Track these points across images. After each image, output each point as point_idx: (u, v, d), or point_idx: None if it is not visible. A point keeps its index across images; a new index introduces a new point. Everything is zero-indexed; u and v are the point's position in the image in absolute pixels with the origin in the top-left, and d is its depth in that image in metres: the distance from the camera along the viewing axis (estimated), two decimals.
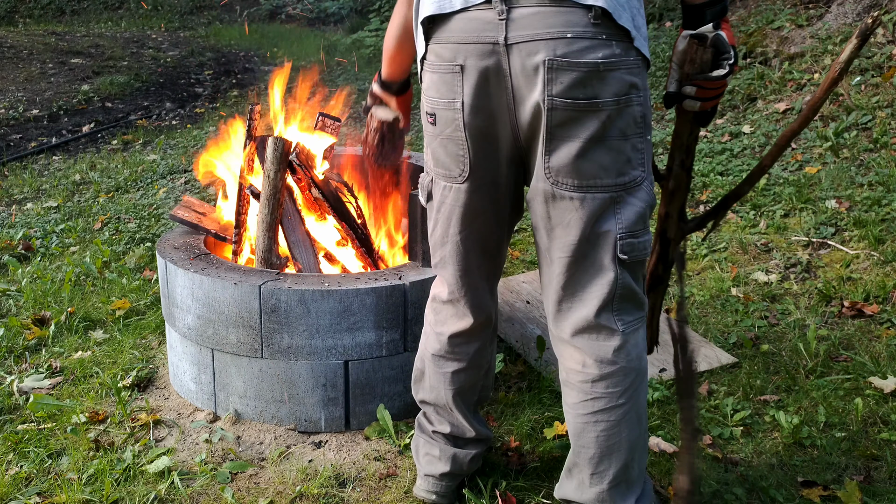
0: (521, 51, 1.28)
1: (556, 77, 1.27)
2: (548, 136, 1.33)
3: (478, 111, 1.36)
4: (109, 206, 4.43)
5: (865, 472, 1.88)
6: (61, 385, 2.40)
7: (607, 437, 1.47)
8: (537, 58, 1.27)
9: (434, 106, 1.41)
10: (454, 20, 1.33)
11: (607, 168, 1.34)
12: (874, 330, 2.54)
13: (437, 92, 1.39)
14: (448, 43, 1.34)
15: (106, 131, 6.60)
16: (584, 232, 1.38)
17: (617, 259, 1.40)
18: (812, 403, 2.16)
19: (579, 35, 1.25)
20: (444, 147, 1.44)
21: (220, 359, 2.13)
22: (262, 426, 2.13)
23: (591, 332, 1.45)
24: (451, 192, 1.48)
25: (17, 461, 2.01)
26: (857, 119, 4.16)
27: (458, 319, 1.63)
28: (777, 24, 5.43)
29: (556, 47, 1.26)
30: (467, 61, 1.33)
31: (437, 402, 1.72)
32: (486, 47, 1.31)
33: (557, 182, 1.36)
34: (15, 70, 8.38)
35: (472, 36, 1.31)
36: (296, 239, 2.25)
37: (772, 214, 3.47)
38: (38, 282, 3.22)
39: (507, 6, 1.28)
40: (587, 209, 1.37)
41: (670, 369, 2.36)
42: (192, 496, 1.87)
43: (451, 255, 1.55)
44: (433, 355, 1.68)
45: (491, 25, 1.29)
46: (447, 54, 1.35)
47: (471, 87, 1.34)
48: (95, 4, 12.95)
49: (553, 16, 1.26)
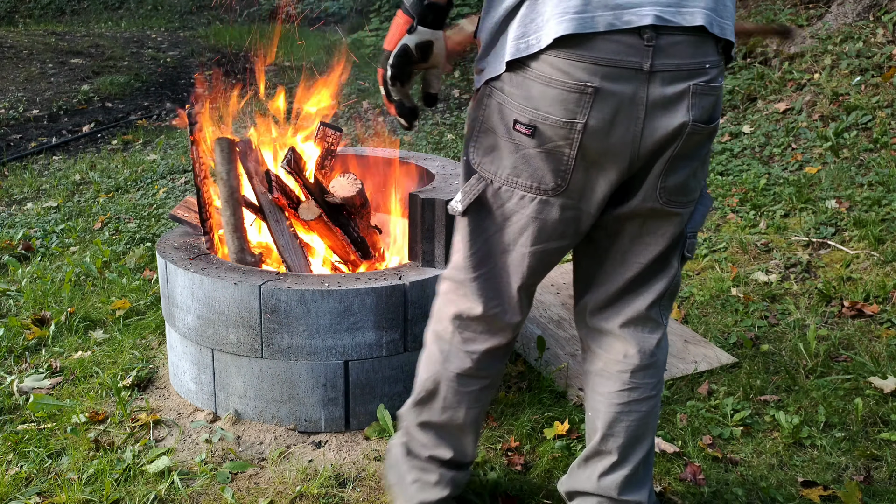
0: (663, 79, 1.27)
1: (697, 103, 1.30)
2: (671, 160, 1.35)
3: (598, 135, 1.30)
4: (109, 206, 4.43)
5: (865, 472, 1.88)
6: (61, 385, 2.40)
7: (637, 426, 1.54)
8: (681, 85, 1.28)
9: (538, 119, 1.32)
10: (594, 40, 1.25)
11: (700, 183, 1.44)
12: (874, 330, 2.54)
13: (550, 107, 1.30)
14: (582, 62, 1.26)
15: (106, 131, 6.60)
16: (670, 239, 1.45)
17: (681, 257, 1.49)
18: (812, 403, 2.16)
19: (714, 65, 1.31)
20: (539, 159, 1.35)
21: (220, 359, 2.13)
22: (262, 426, 2.13)
23: (639, 324, 1.51)
24: (532, 204, 1.39)
25: (17, 461, 2.01)
26: (857, 119, 4.16)
27: (494, 335, 1.54)
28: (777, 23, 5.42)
29: (698, 75, 1.29)
30: (602, 84, 1.26)
31: (450, 424, 1.62)
32: (626, 72, 1.26)
33: (669, 201, 1.40)
34: (15, 70, 8.39)
35: (613, 59, 1.25)
36: (285, 242, 2.26)
37: (772, 214, 3.47)
38: (38, 282, 3.22)
39: (655, 33, 1.25)
40: (683, 221, 1.44)
41: (671, 369, 2.36)
42: (192, 496, 1.87)
43: (513, 266, 1.46)
44: (458, 375, 1.56)
45: (634, 51, 1.25)
46: (578, 74, 1.26)
47: (600, 111, 1.28)
48: (95, 4, 12.96)
49: (696, 45, 1.28)
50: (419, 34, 1.35)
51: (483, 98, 1.39)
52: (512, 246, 1.44)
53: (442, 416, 1.61)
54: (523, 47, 1.30)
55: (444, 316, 1.56)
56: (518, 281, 1.47)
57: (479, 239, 1.46)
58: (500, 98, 1.35)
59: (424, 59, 1.38)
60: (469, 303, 1.51)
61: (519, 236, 1.43)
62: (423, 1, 1.33)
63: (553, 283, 2.98)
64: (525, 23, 1.29)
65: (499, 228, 1.44)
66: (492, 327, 1.52)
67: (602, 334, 1.55)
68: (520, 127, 1.34)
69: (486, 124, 1.39)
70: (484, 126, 1.40)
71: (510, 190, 1.40)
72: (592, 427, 1.59)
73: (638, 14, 1.23)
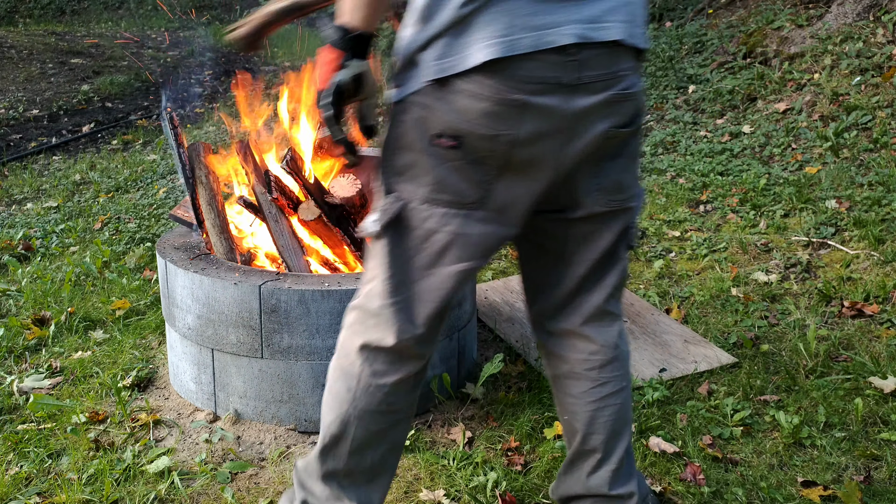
0: (586, 90, 1.30)
1: (617, 110, 1.34)
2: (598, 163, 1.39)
3: (525, 148, 1.31)
4: (109, 206, 4.43)
5: (865, 472, 1.88)
6: (61, 385, 2.40)
7: (616, 419, 1.55)
8: (602, 95, 1.32)
9: (463, 129, 1.29)
10: (519, 61, 1.27)
11: (635, 179, 1.47)
12: (874, 330, 2.54)
13: (477, 120, 1.28)
14: (510, 80, 1.27)
15: (106, 131, 6.60)
16: (615, 234, 1.47)
17: (627, 248, 1.51)
18: (812, 403, 2.16)
19: (630, 70, 1.35)
20: (462, 171, 1.32)
21: (220, 359, 2.13)
22: (262, 426, 2.13)
23: (599, 319, 1.52)
24: (454, 220, 1.35)
25: (17, 461, 2.01)
26: (857, 119, 4.16)
27: (405, 365, 1.44)
28: (777, 24, 5.43)
29: (617, 84, 1.33)
30: (529, 99, 1.28)
31: (357, 470, 1.49)
32: (552, 87, 1.28)
33: (611, 201, 1.43)
34: (15, 70, 8.39)
35: (537, 76, 1.27)
36: (284, 243, 2.26)
37: (772, 214, 3.47)
38: (38, 282, 3.22)
39: (577, 49, 1.28)
40: (624, 216, 1.47)
41: (671, 369, 2.36)
42: (192, 496, 1.87)
43: (433, 291, 1.39)
44: (369, 412, 1.44)
45: (559, 67, 1.28)
46: (504, 89, 1.27)
47: (529, 123, 1.29)
48: (95, 4, 12.96)
49: (613, 56, 1.32)
50: (352, 68, 1.31)
51: (398, 115, 1.34)
52: (433, 268, 1.37)
53: (349, 461, 1.48)
54: (444, 67, 1.28)
55: (351, 349, 1.44)
56: (437, 306, 1.40)
57: (397, 262, 1.38)
58: (419, 112, 1.31)
59: (358, 93, 1.34)
60: (380, 333, 1.41)
61: (441, 257, 1.37)
62: (352, 33, 1.29)
63: None
64: (446, 47, 1.28)
65: (419, 250, 1.37)
66: (403, 357, 1.43)
67: (564, 336, 1.56)
68: (444, 140, 1.30)
69: (402, 141, 1.34)
70: (400, 143, 1.35)
71: (430, 208, 1.34)
72: (571, 430, 1.59)
73: (559, 34, 1.26)
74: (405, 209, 1.36)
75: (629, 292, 2.90)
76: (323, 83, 1.32)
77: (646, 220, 3.59)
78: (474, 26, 1.26)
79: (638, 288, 2.99)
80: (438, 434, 2.10)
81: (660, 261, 3.16)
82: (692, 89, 5.27)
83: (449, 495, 1.84)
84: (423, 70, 1.30)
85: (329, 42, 1.32)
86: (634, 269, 3.16)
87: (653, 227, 3.50)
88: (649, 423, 2.08)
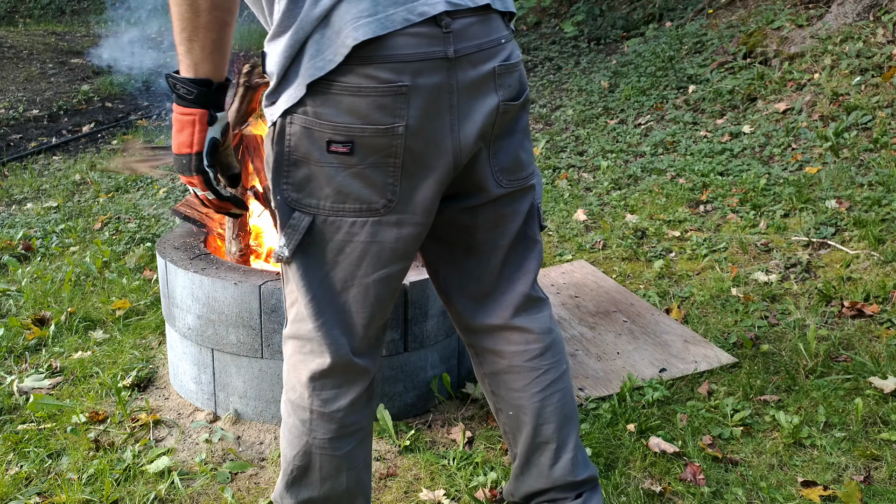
0: (469, 61, 1.24)
1: (503, 82, 1.29)
2: (494, 142, 1.33)
3: (420, 134, 1.23)
4: (109, 206, 4.43)
5: (865, 472, 1.88)
6: (61, 385, 2.40)
7: (563, 403, 1.51)
8: (487, 66, 1.26)
9: (354, 133, 1.20)
10: (395, 38, 1.18)
11: (530, 154, 1.43)
12: (874, 330, 2.54)
13: (364, 118, 1.20)
14: (389, 63, 1.18)
15: (106, 131, 6.60)
16: (523, 215, 1.43)
17: (539, 228, 1.47)
18: (812, 403, 2.16)
19: (507, 39, 1.31)
20: (363, 177, 1.24)
21: (220, 359, 2.13)
22: (262, 426, 2.13)
23: (528, 306, 1.47)
24: (365, 228, 1.26)
25: (17, 461, 2.01)
26: (857, 119, 4.16)
27: (353, 384, 1.38)
28: (777, 24, 5.43)
29: (498, 54, 1.28)
30: (415, 80, 1.19)
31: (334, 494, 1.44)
32: (434, 63, 1.21)
33: (511, 181, 1.38)
34: (15, 70, 8.39)
35: (417, 53, 1.19)
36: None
37: (772, 214, 3.47)
38: (38, 282, 3.22)
39: (450, 18, 1.21)
40: (528, 196, 1.43)
41: (671, 369, 2.36)
42: (192, 496, 1.87)
43: (357, 303, 1.32)
44: (327, 439, 1.39)
45: (436, 40, 1.20)
46: (386, 75, 1.18)
47: (418, 108, 1.21)
48: (96, 4, 12.96)
49: (487, 24, 1.27)
50: (220, 121, 1.25)
51: (282, 131, 1.24)
52: (351, 280, 1.31)
53: (322, 488, 1.43)
54: (321, 65, 1.18)
55: (297, 382, 1.39)
56: (366, 317, 1.34)
57: (314, 282, 1.31)
58: (305, 123, 1.22)
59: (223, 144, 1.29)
60: (318, 357, 1.34)
61: (357, 268, 1.30)
62: (211, 86, 1.21)
63: (553, 284, 2.98)
64: (317, 45, 1.19)
65: (335, 263, 1.30)
66: (348, 376, 1.37)
67: (495, 331, 1.48)
68: (336, 147, 1.21)
69: (293, 155, 1.24)
70: (292, 158, 1.25)
71: (338, 219, 1.26)
72: (517, 425, 1.52)
73: (429, 3, 1.20)
74: (313, 225, 1.27)
75: (629, 292, 2.90)
76: (188, 147, 1.23)
77: (646, 220, 3.60)
78: (338, 13, 1.18)
79: (638, 288, 2.99)
80: (438, 434, 2.10)
81: (660, 261, 3.16)
82: (692, 89, 5.27)
83: (449, 495, 1.84)
84: (299, 79, 1.20)
85: (184, 102, 1.22)
86: (634, 269, 3.17)
87: (653, 227, 3.50)
88: (649, 423, 2.08)
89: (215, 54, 1.20)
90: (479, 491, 1.84)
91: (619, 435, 2.04)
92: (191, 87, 1.20)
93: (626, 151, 4.67)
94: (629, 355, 2.45)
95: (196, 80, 1.20)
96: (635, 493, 1.83)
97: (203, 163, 1.25)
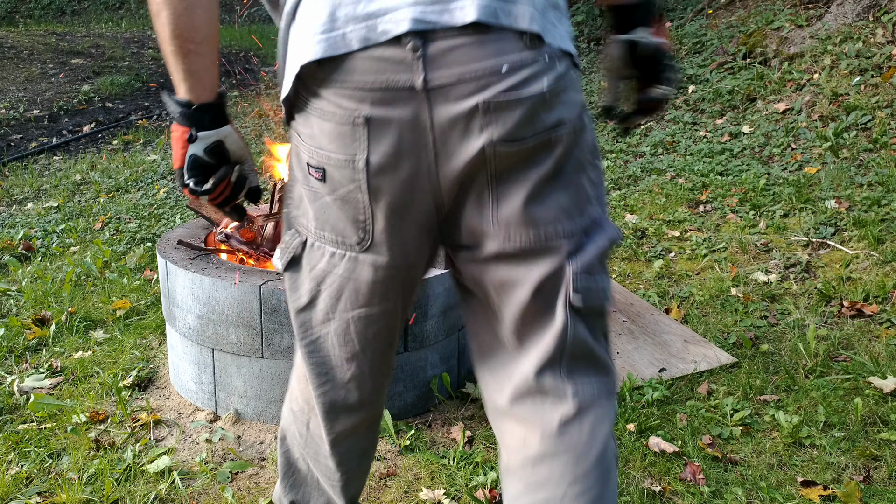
0: (446, 95, 1.00)
1: (496, 119, 1.01)
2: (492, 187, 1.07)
3: (386, 172, 1.05)
4: (110, 206, 4.43)
5: (865, 472, 1.88)
6: (62, 385, 2.40)
7: None
8: (469, 102, 1.00)
9: (323, 160, 1.08)
10: (352, 61, 1.01)
11: (567, 209, 1.09)
12: (874, 330, 2.54)
13: (330, 144, 1.06)
14: (346, 89, 1.02)
15: (106, 131, 6.61)
16: (535, 284, 1.11)
17: (568, 304, 1.10)
18: (812, 403, 2.17)
19: (517, 65, 1.00)
20: (338, 208, 1.11)
21: (221, 359, 2.13)
22: (262, 426, 2.13)
23: (533, 397, 1.15)
24: (343, 262, 1.15)
25: (17, 461, 2.02)
26: (856, 119, 4.17)
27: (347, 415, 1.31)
28: (777, 24, 5.43)
29: (493, 84, 0.99)
30: (374, 112, 1.01)
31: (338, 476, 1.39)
32: (399, 94, 1.00)
33: (509, 237, 1.08)
34: (15, 70, 8.39)
35: (379, 80, 1.00)
36: None
37: (771, 214, 3.47)
38: (38, 282, 3.22)
39: (421, 40, 0.98)
40: (550, 260, 1.10)
41: (670, 369, 2.36)
42: (192, 496, 1.87)
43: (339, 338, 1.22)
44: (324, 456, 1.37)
45: (403, 66, 0.99)
46: (346, 103, 1.03)
47: (379, 144, 1.03)
48: (96, 4, 12.97)
49: (480, 47, 0.99)
50: (203, 139, 1.18)
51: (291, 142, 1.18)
52: (332, 313, 1.20)
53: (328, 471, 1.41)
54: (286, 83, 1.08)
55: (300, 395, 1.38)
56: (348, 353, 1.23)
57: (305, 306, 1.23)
58: (295, 140, 1.14)
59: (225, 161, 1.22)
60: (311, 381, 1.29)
61: (337, 301, 1.19)
62: (191, 106, 1.15)
63: None
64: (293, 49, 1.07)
65: (318, 291, 1.20)
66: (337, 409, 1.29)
67: (499, 415, 1.21)
68: (312, 171, 1.11)
69: (292, 171, 1.19)
70: (291, 173, 1.19)
71: (321, 246, 1.17)
72: None
73: (394, 21, 0.98)
74: (304, 245, 1.19)
75: (629, 292, 2.90)
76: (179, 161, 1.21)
77: (645, 220, 3.60)
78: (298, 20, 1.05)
79: (637, 288, 2.99)
80: (438, 434, 2.10)
81: (659, 261, 3.16)
82: (692, 89, 5.27)
83: (449, 495, 1.85)
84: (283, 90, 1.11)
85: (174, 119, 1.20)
86: (634, 269, 3.17)
87: (652, 227, 3.51)
88: (649, 423, 2.08)
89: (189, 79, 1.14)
90: (479, 491, 1.84)
91: (618, 435, 2.05)
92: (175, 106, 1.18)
93: (626, 151, 4.68)
94: (629, 355, 2.46)
95: (178, 101, 1.17)
96: (635, 492, 1.83)
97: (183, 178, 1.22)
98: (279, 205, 2.42)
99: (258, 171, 1.29)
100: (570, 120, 1.06)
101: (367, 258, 1.13)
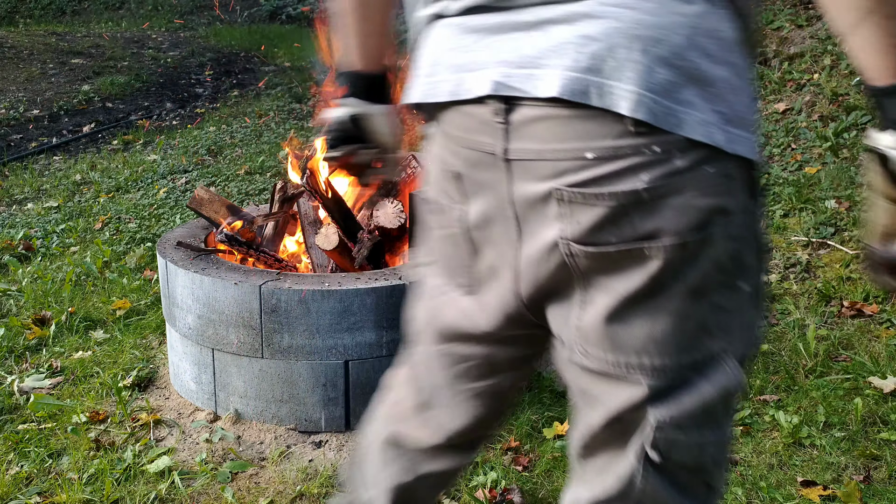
0: (526, 170, 0.86)
1: (571, 214, 0.84)
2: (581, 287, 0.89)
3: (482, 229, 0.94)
4: (110, 206, 4.43)
5: (865, 472, 1.88)
6: (62, 385, 2.40)
7: None
8: (545, 185, 0.85)
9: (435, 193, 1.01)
10: (448, 111, 0.93)
11: (661, 341, 0.87)
12: (874, 330, 2.54)
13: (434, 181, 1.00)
14: (445, 138, 0.95)
15: (106, 131, 6.61)
16: (616, 414, 0.91)
17: (644, 455, 0.90)
18: (812, 403, 2.17)
19: (606, 155, 0.81)
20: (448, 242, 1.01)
21: (221, 359, 2.13)
22: (262, 426, 2.13)
23: None
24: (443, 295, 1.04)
25: (17, 461, 2.02)
26: (856, 119, 4.17)
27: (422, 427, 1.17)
28: (777, 24, 5.43)
29: (569, 171, 0.83)
30: (465, 171, 0.92)
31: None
32: (484, 157, 0.89)
33: (587, 353, 0.90)
34: (15, 70, 8.39)
35: (468, 139, 0.91)
36: (311, 242, 2.38)
37: (771, 214, 3.47)
38: (38, 282, 3.22)
39: (505, 105, 0.85)
40: (626, 391, 0.89)
41: None
42: (192, 496, 1.87)
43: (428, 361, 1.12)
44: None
45: (487, 128, 0.88)
46: (444, 153, 0.96)
47: (476, 202, 0.93)
48: (96, 4, 12.97)
49: (565, 125, 0.82)
50: (349, 106, 1.12)
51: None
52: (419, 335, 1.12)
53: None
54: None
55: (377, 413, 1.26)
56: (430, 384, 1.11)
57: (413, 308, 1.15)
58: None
59: (363, 138, 1.14)
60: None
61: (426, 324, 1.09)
62: (349, 70, 1.11)
63: None
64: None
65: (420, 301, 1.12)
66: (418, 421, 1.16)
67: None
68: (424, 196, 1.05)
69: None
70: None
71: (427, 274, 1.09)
72: None
73: (478, 79, 0.87)
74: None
75: None
76: (326, 118, 1.16)
77: None
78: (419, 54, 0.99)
79: None
80: None
81: None
82: None
83: (449, 494, 1.85)
84: None
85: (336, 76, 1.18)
86: None
87: None
88: None
89: (346, 47, 1.11)
90: (479, 491, 1.84)
91: None
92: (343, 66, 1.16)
93: None
94: None
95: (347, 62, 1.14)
96: None
97: (325, 132, 1.18)
98: (279, 205, 2.43)
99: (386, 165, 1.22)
100: (678, 231, 0.82)
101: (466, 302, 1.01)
